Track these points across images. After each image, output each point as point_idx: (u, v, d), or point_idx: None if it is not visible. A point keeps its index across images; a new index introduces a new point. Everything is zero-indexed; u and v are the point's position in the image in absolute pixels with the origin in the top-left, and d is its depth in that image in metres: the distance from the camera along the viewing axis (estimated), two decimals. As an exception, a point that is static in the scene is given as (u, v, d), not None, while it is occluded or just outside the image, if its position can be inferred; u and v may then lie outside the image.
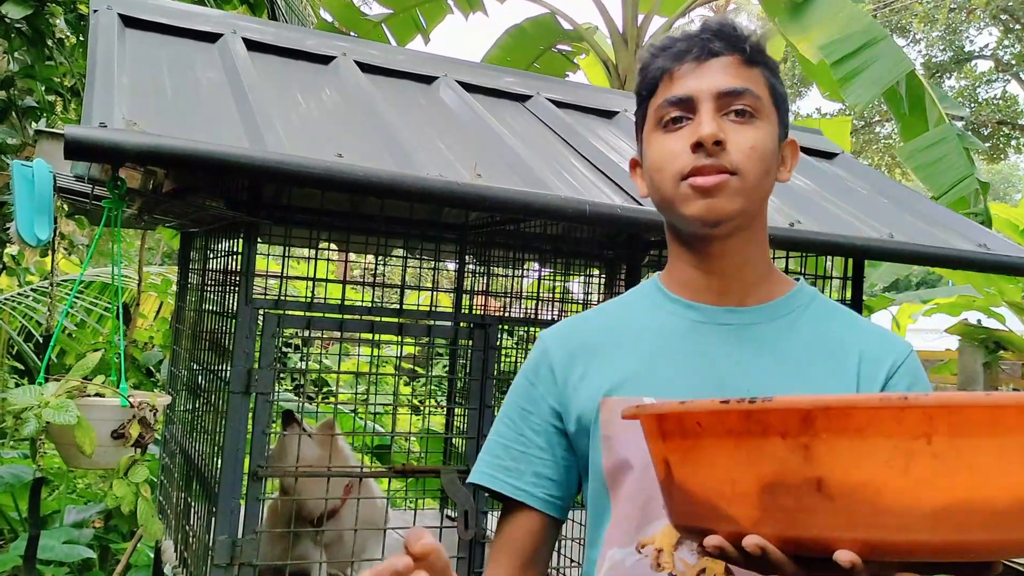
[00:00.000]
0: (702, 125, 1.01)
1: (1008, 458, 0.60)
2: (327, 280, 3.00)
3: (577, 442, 1.13)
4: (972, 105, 17.31)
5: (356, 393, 4.59)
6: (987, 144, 17.10)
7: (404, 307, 2.99)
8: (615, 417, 1.06)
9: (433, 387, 6.45)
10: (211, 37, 2.59)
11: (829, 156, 3.44)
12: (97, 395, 1.89)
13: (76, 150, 1.64)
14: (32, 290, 4.92)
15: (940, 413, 0.60)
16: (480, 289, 3.40)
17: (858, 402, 0.61)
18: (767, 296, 1.11)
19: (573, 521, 1.76)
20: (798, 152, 1.16)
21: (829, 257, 3.13)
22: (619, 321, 1.16)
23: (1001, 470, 0.60)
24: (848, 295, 2.90)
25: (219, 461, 2.27)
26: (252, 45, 2.60)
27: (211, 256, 2.87)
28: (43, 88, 3.94)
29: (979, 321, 10.33)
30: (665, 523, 1.02)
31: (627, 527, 1.06)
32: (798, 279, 1.17)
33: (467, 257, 3.43)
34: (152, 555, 3.61)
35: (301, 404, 2.66)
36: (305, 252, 3.30)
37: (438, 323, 2.63)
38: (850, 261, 2.89)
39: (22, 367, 5.80)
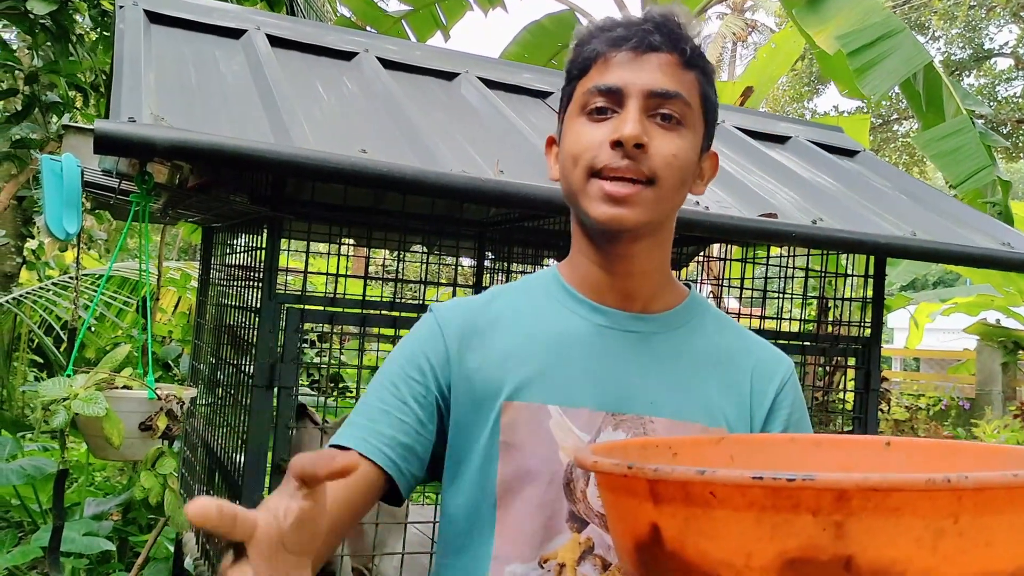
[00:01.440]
0: (626, 123, 0.96)
1: (1019, 533, 0.62)
2: (348, 276, 3.01)
3: (458, 438, 1.05)
4: (992, 103, 17.16)
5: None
6: (1007, 143, 16.96)
7: (424, 302, 3.01)
8: (518, 424, 1.02)
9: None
10: (235, 33, 2.61)
11: (851, 154, 3.42)
12: (125, 387, 1.91)
13: (106, 145, 1.65)
14: (53, 284, 4.97)
15: (969, 493, 0.60)
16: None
17: (902, 484, 0.60)
18: (669, 303, 1.10)
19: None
20: (717, 166, 1.12)
21: (847, 255, 3.12)
22: (519, 313, 1.09)
23: (1011, 543, 0.62)
24: (870, 293, 2.89)
25: (242, 455, 2.29)
26: (275, 41, 2.62)
27: (233, 251, 2.89)
28: (66, 83, 3.98)
29: (998, 321, 10.26)
30: (568, 537, 1.01)
31: (529, 541, 1.01)
32: (688, 286, 1.15)
33: (486, 253, 3.44)
34: (172, 548, 3.64)
35: (325, 399, 2.68)
36: (324, 248, 3.32)
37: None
38: (872, 259, 2.88)
39: (41, 360, 5.86)
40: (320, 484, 0.66)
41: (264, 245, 2.34)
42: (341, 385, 6.24)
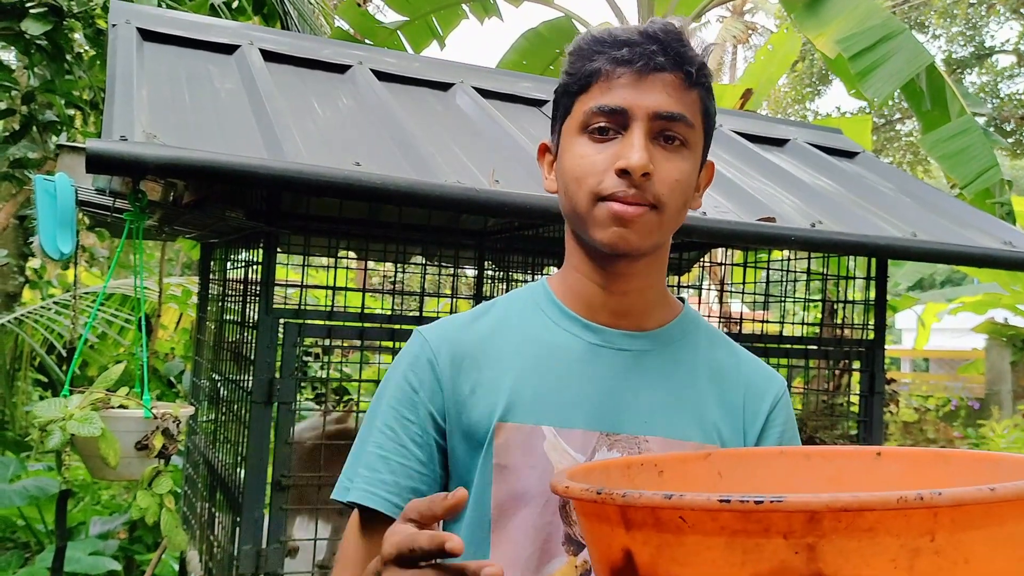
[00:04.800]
0: (632, 151, 0.95)
1: (997, 548, 0.60)
2: (347, 289, 3.00)
3: (458, 460, 1.04)
4: (994, 100, 17.12)
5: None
6: (1010, 139, 16.91)
7: (424, 314, 2.99)
8: (512, 446, 1.00)
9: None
10: (228, 49, 2.60)
11: (850, 155, 3.40)
12: (121, 407, 1.90)
13: (98, 164, 1.65)
14: (55, 303, 4.97)
15: (945, 510, 0.58)
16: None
17: (874, 503, 0.58)
18: (662, 320, 1.08)
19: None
20: (713, 174, 1.11)
21: (852, 257, 3.09)
22: (510, 332, 1.07)
23: (990, 558, 0.60)
24: (872, 295, 2.87)
25: (242, 471, 2.27)
26: (269, 56, 2.61)
27: (231, 266, 2.88)
28: (63, 102, 3.98)
29: (1006, 320, 10.21)
30: (564, 561, 0.99)
31: (525, 565, 0.99)
32: (682, 300, 1.14)
33: (486, 263, 3.42)
34: (177, 566, 3.62)
35: (326, 414, 2.66)
36: (324, 261, 3.30)
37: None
38: (873, 261, 2.86)
39: (45, 379, 5.86)
40: (435, 521, 0.78)
41: (261, 260, 2.33)
42: (346, 398, 6.22)
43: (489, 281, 3.43)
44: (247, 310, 2.51)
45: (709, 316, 3.61)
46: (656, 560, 0.65)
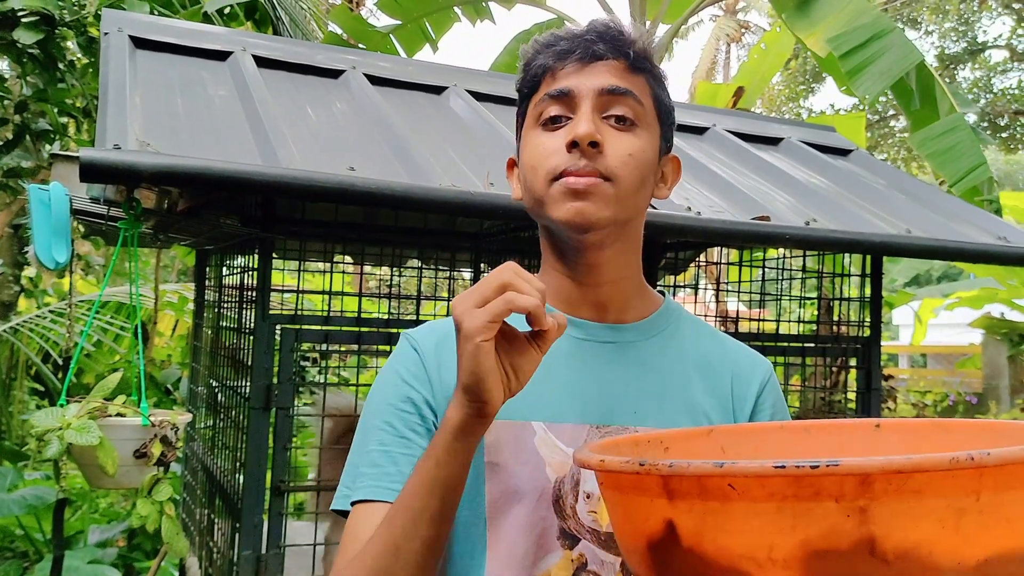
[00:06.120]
0: (579, 124, 0.97)
1: None
2: (343, 293, 3.00)
3: None
4: (988, 95, 17.16)
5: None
6: (1004, 134, 16.95)
7: (420, 318, 2.99)
8: (502, 443, 1.00)
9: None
10: (221, 55, 2.60)
11: (844, 153, 3.41)
12: (118, 415, 1.90)
13: (91, 172, 1.64)
14: (50, 311, 4.96)
15: (989, 470, 0.60)
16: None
17: (926, 464, 0.59)
18: (643, 312, 1.09)
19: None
20: (680, 170, 1.12)
21: (847, 254, 3.10)
22: None
23: None
24: (867, 292, 2.87)
25: (241, 477, 2.27)
26: (262, 62, 2.61)
27: (227, 272, 2.88)
28: (56, 111, 3.98)
29: (1002, 314, 10.23)
30: (560, 555, 1.00)
31: (521, 562, 0.99)
32: (662, 292, 1.15)
33: (482, 265, 3.42)
34: (176, 573, 3.62)
35: (324, 418, 2.66)
36: (320, 265, 3.30)
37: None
38: (868, 258, 2.86)
39: (41, 388, 5.85)
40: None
41: (256, 266, 2.33)
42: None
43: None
44: (243, 316, 2.51)
45: (706, 315, 3.61)
46: (700, 528, 0.65)
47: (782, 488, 0.61)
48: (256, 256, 2.37)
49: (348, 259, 3.46)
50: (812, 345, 2.99)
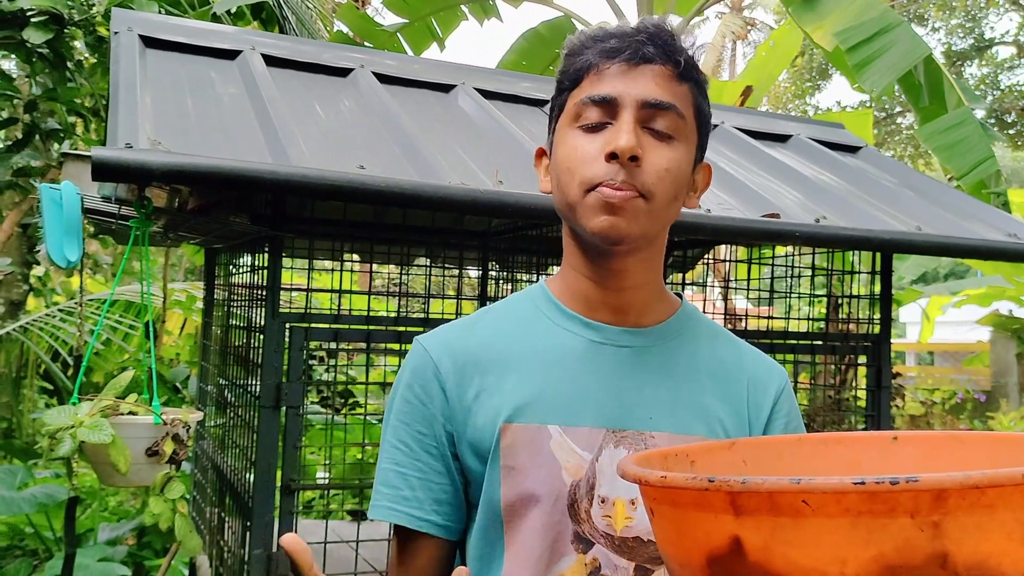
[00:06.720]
0: (620, 135, 0.95)
1: None
2: (352, 292, 3.00)
3: (469, 468, 1.04)
4: (995, 92, 17.09)
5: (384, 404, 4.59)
6: (1012, 131, 16.88)
7: (429, 316, 2.99)
8: (518, 446, 1.00)
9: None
10: (230, 54, 2.61)
11: (853, 150, 3.40)
12: (130, 413, 1.90)
13: (103, 171, 1.65)
14: (59, 310, 4.98)
15: None
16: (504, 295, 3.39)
17: (1001, 479, 0.60)
18: (661, 316, 1.08)
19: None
20: (710, 177, 1.11)
21: (856, 252, 3.09)
22: (510, 335, 1.07)
23: None
24: (876, 289, 2.87)
25: (251, 475, 2.28)
26: (270, 60, 2.62)
27: (236, 271, 2.88)
28: (65, 110, 3.99)
29: (1010, 312, 10.20)
30: (574, 559, 1.00)
31: (536, 565, 1.00)
32: (679, 295, 1.14)
33: (490, 264, 3.43)
34: (187, 571, 3.63)
35: (333, 416, 2.67)
36: (329, 264, 3.31)
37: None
38: (878, 255, 2.86)
39: (51, 387, 5.88)
40: None
41: (266, 264, 2.34)
42: (351, 400, 6.23)
43: (493, 282, 3.44)
44: (253, 314, 2.52)
45: (714, 313, 3.61)
46: (769, 544, 0.65)
47: (857, 504, 0.62)
48: (265, 255, 2.37)
49: (356, 257, 3.47)
50: (821, 343, 2.99)
